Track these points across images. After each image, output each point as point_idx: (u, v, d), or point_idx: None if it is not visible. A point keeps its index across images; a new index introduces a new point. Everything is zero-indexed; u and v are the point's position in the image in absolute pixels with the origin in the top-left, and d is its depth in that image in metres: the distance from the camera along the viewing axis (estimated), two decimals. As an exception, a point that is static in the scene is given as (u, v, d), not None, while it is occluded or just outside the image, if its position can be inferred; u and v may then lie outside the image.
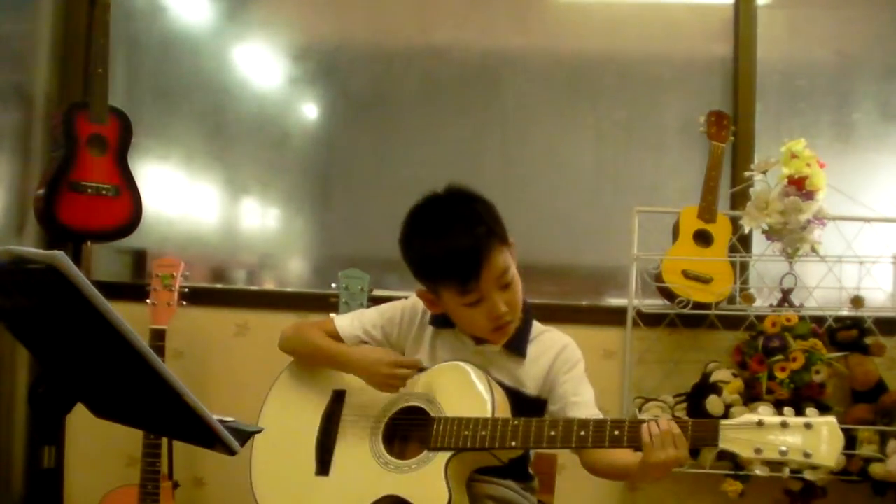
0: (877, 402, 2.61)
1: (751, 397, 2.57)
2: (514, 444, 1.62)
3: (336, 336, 1.87)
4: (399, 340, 1.87)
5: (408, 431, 1.75)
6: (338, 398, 1.82)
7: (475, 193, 1.77)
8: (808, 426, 1.42)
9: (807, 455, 1.41)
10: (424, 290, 1.77)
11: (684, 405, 2.65)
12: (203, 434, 1.23)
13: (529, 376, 1.79)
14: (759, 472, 1.46)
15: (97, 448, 2.84)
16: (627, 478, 1.63)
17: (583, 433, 1.59)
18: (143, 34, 3.14)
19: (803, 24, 3.11)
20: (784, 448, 1.42)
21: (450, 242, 1.67)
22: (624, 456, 1.63)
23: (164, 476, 2.52)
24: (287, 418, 1.84)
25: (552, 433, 1.60)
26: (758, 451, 1.43)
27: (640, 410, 2.67)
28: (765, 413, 1.46)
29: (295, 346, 1.90)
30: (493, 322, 1.72)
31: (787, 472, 1.46)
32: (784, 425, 1.44)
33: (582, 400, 1.75)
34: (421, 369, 1.79)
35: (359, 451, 1.74)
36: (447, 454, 1.64)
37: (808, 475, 1.45)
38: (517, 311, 1.76)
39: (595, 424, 1.59)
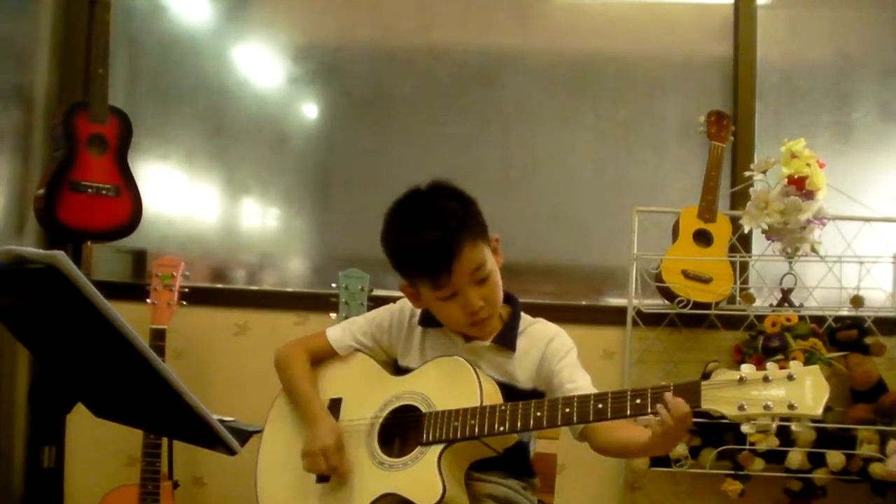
0: (876, 402, 2.61)
1: (751, 397, 2.58)
2: (501, 429, 1.62)
3: (329, 350, 1.88)
4: (390, 345, 1.88)
5: (403, 430, 1.74)
6: (334, 407, 1.83)
7: (454, 188, 1.76)
8: (790, 378, 1.39)
9: (791, 406, 1.37)
10: (405, 285, 1.78)
11: (684, 405, 2.65)
12: (203, 434, 1.24)
13: (521, 369, 1.78)
14: (745, 429, 1.43)
15: (97, 448, 2.84)
16: (641, 454, 1.64)
17: (567, 410, 1.58)
18: (143, 34, 3.14)
19: (803, 24, 3.12)
20: (769, 402, 1.39)
21: (420, 237, 1.69)
22: (630, 433, 1.62)
23: (164, 476, 2.52)
24: (289, 430, 1.84)
25: (538, 413, 1.60)
26: (741, 407, 1.40)
27: (639, 410, 2.66)
28: (747, 370, 1.43)
29: (279, 373, 1.90)
30: (468, 317, 1.72)
31: (774, 427, 1.43)
32: (766, 379, 1.40)
33: (577, 386, 1.73)
34: (409, 370, 1.79)
35: (356, 455, 1.74)
36: (439, 447, 1.64)
37: (794, 426, 1.43)
38: (495, 306, 1.75)
39: (579, 400, 1.58)
